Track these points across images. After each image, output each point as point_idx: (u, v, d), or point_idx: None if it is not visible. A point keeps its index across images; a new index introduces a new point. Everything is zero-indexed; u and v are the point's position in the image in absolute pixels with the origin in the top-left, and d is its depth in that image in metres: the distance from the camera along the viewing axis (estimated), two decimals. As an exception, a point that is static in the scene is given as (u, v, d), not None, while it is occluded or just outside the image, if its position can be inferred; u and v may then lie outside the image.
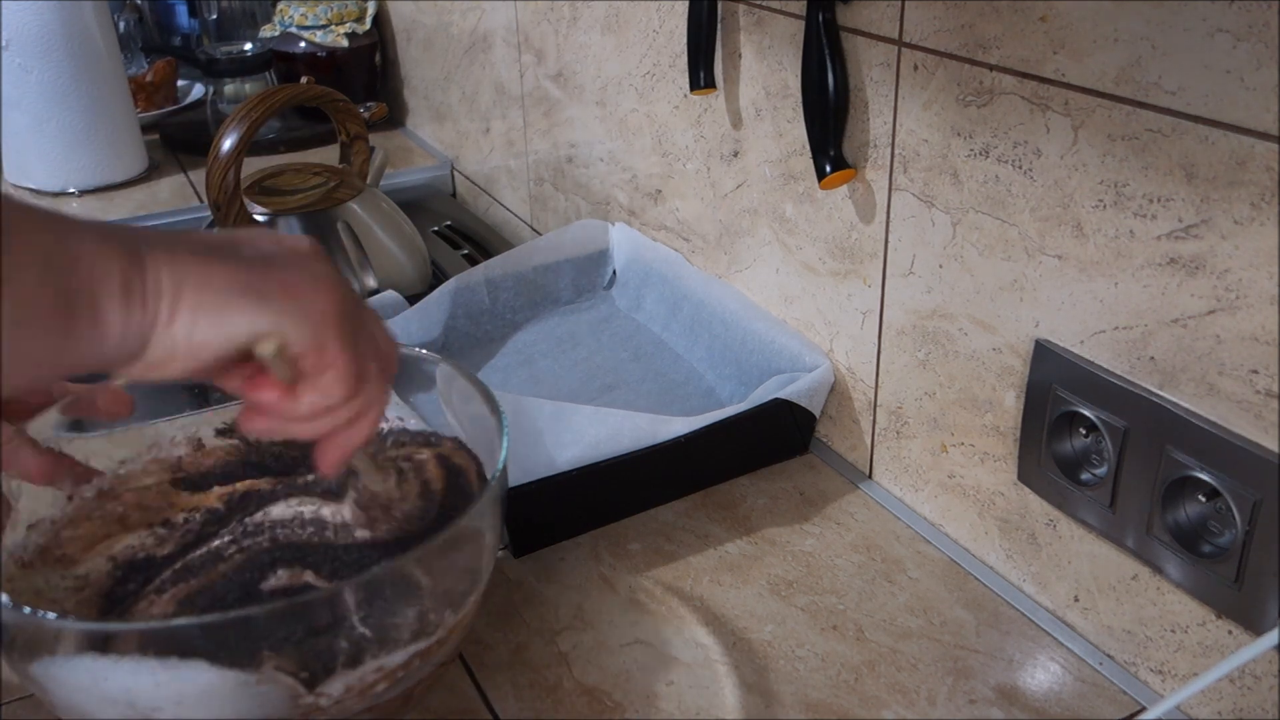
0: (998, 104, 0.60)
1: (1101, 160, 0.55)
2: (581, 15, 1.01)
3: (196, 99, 1.59)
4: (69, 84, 1.29)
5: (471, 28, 1.25)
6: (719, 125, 0.85)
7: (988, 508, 0.68)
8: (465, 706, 0.60)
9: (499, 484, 0.53)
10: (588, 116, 1.05)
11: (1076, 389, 0.59)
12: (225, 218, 0.91)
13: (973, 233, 0.64)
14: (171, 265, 0.37)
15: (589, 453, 0.71)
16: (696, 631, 0.65)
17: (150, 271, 0.37)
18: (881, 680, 0.61)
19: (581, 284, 1.02)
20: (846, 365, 0.78)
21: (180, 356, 0.38)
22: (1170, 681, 0.59)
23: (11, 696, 0.61)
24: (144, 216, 1.25)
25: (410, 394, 0.67)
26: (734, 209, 0.86)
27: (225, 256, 0.39)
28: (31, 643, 0.46)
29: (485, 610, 0.67)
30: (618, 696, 0.61)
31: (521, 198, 1.25)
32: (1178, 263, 0.52)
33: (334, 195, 0.97)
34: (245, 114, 0.89)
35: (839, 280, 0.77)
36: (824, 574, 0.70)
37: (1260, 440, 0.51)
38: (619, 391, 0.88)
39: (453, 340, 0.94)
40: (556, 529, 0.73)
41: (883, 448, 0.77)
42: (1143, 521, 0.57)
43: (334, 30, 1.51)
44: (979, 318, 0.65)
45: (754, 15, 0.78)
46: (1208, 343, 0.52)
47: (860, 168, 0.71)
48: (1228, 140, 0.49)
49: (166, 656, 0.45)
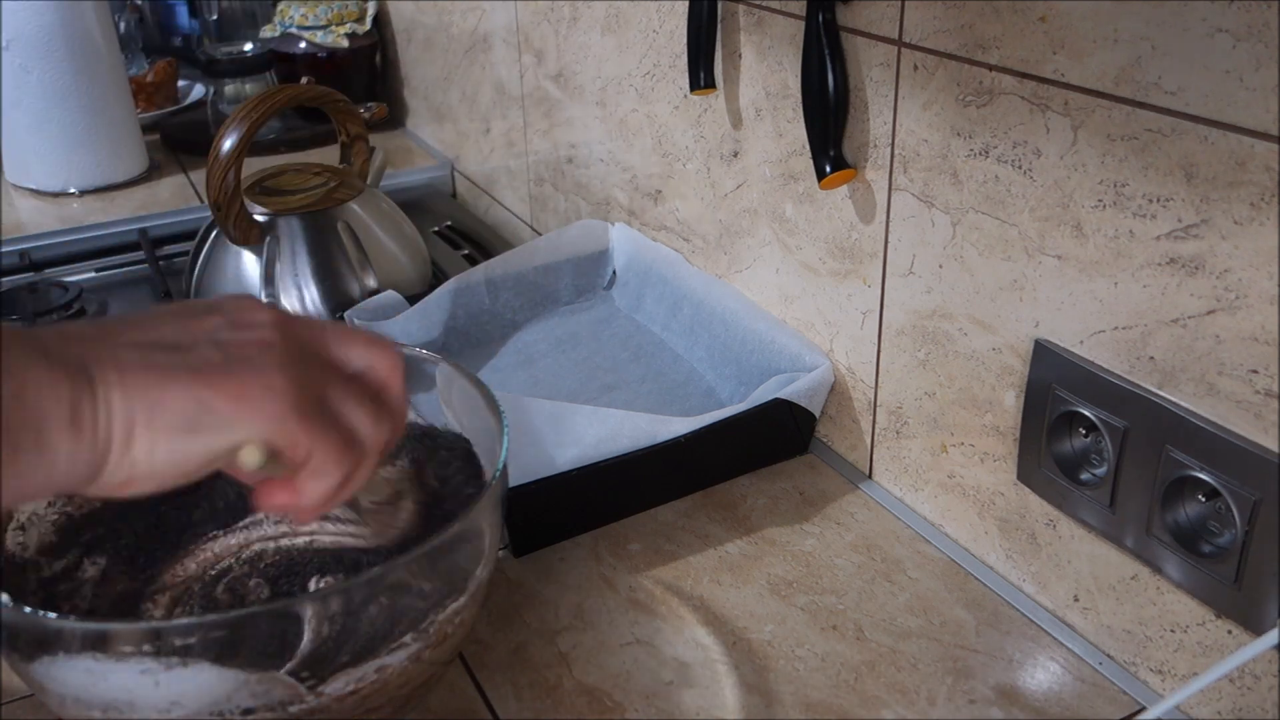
0: (997, 104, 0.60)
1: (1101, 160, 0.55)
2: (581, 15, 1.01)
3: (197, 99, 1.59)
4: (69, 84, 1.29)
5: (471, 28, 1.25)
6: (719, 125, 0.85)
7: (988, 508, 0.68)
8: (465, 706, 0.60)
9: (499, 484, 0.53)
10: (588, 117, 1.05)
11: (1076, 389, 0.59)
12: (225, 218, 0.91)
13: (973, 233, 0.64)
14: (122, 388, 0.36)
15: (589, 453, 0.71)
16: (696, 631, 0.65)
17: (100, 397, 0.35)
18: (881, 680, 0.61)
19: (581, 284, 1.02)
20: (846, 365, 0.78)
21: (140, 478, 0.37)
22: (1170, 681, 0.59)
23: (11, 696, 0.61)
24: (144, 216, 1.25)
25: (410, 394, 0.67)
26: (734, 209, 0.86)
27: (174, 368, 0.37)
28: (31, 643, 0.46)
29: (485, 610, 0.67)
30: (618, 696, 0.61)
31: (521, 198, 1.25)
32: (1177, 263, 0.52)
33: (334, 195, 0.97)
34: (245, 114, 0.89)
35: (839, 280, 0.77)
36: (824, 574, 0.70)
37: (1260, 440, 0.51)
38: (619, 392, 0.88)
39: (453, 340, 0.94)
40: (556, 529, 0.73)
41: (883, 448, 0.77)
42: (1142, 521, 0.57)
43: (334, 31, 1.51)
44: (979, 318, 0.65)
45: (754, 15, 0.78)
46: (1207, 343, 0.52)
47: (860, 168, 0.71)
48: (1227, 140, 0.49)
49: (166, 656, 0.45)
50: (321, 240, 0.94)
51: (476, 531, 0.52)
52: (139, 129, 1.40)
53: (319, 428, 0.40)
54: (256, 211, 0.94)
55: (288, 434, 0.39)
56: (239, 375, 0.38)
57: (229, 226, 0.92)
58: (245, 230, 0.92)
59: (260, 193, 0.97)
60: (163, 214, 1.27)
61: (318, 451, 0.41)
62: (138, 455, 0.36)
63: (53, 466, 0.35)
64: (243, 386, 0.38)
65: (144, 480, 0.37)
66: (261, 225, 0.94)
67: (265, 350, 0.40)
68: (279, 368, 0.39)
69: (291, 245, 0.94)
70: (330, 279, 0.94)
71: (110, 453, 0.36)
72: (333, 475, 0.42)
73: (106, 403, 0.35)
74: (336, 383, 0.42)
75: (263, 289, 0.93)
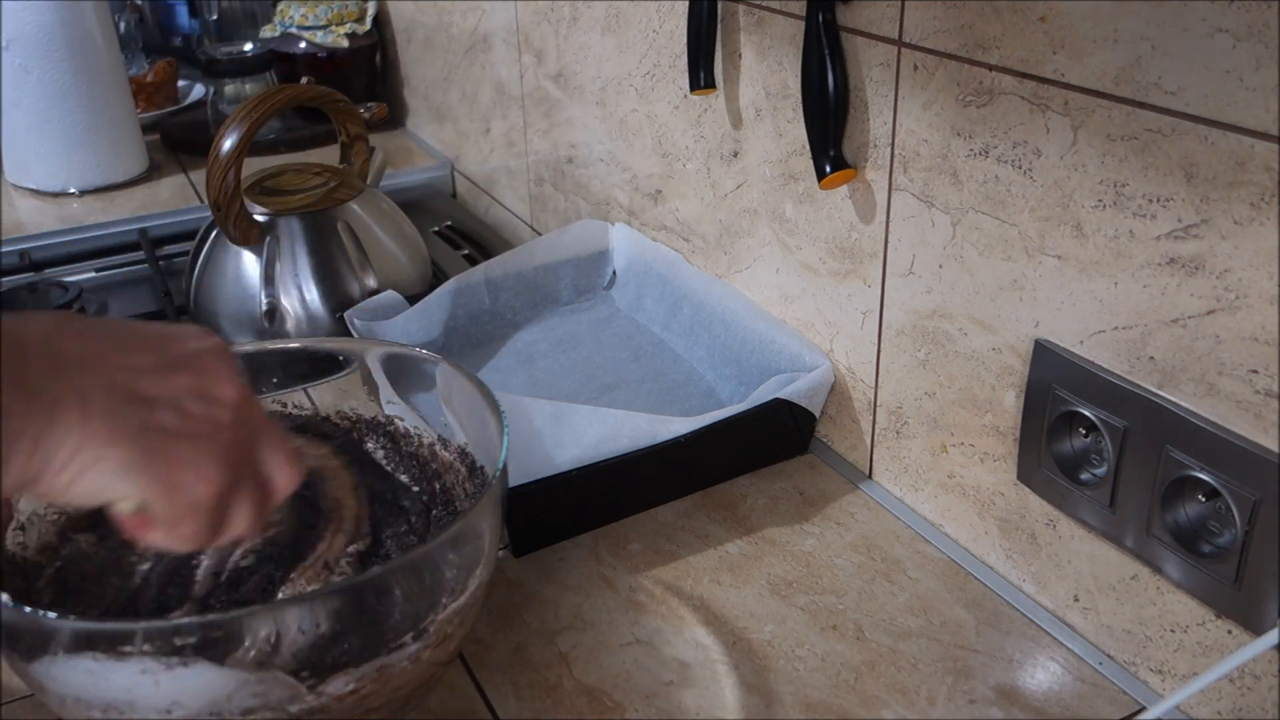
0: (997, 104, 0.60)
1: (1101, 160, 0.55)
2: (581, 15, 1.01)
3: (197, 99, 1.59)
4: (69, 84, 1.29)
5: (471, 28, 1.25)
6: (719, 125, 0.85)
7: (988, 508, 0.68)
8: (465, 706, 0.60)
9: (499, 484, 0.53)
10: (588, 117, 1.05)
11: (1076, 389, 0.59)
12: (225, 218, 0.91)
13: (973, 233, 0.64)
14: (81, 431, 0.40)
15: (589, 453, 0.71)
16: (696, 631, 0.65)
17: (60, 435, 0.40)
18: (881, 680, 0.61)
19: (581, 284, 1.02)
20: (846, 365, 0.78)
21: (55, 497, 0.42)
22: (1170, 681, 0.59)
23: (11, 696, 0.61)
24: (144, 216, 1.25)
25: (410, 394, 0.67)
26: (734, 209, 0.86)
27: (129, 428, 0.41)
28: (31, 642, 0.46)
29: (485, 610, 0.67)
30: (618, 696, 0.61)
31: (521, 198, 1.25)
32: (1177, 263, 0.52)
33: (334, 195, 0.97)
34: (245, 114, 0.89)
35: (839, 280, 0.77)
36: (824, 574, 0.70)
37: (1260, 440, 0.51)
38: (619, 392, 0.88)
39: (453, 340, 0.94)
40: (556, 529, 0.73)
41: (883, 448, 0.77)
42: (1142, 521, 0.57)
43: (334, 31, 1.51)
44: (979, 318, 0.65)
45: (754, 15, 0.78)
46: (1207, 343, 0.52)
47: (860, 168, 0.71)
48: (1227, 140, 0.49)
49: (166, 656, 0.45)
50: (321, 240, 0.94)
51: (476, 532, 0.52)
52: (139, 129, 1.40)
53: (205, 520, 0.44)
54: (256, 211, 0.94)
55: (177, 514, 0.43)
56: (178, 455, 0.43)
57: (229, 226, 0.92)
58: (245, 230, 0.92)
59: (260, 193, 0.97)
60: (163, 214, 1.27)
61: (186, 531, 0.44)
62: (59, 484, 0.40)
63: (3, 479, 0.40)
64: (172, 471, 0.42)
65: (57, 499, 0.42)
66: (261, 225, 0.94)
67: (214, 434, 0.44)
68: (212, 460, 0.43)
69: (291, 245, 0.94)
70: (330, 279, 0.94)
71: (42, 475, 0.40)
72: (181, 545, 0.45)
73: (61, 441, 0.40)
74: (246, 481, 0.46)
75: (263, 289, 0.93)
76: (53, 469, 0.40)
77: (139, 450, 0.41)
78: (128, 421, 0.41)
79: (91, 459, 0.41)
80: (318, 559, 0.56)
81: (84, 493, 0.41)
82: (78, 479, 0.41)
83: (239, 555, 0.56)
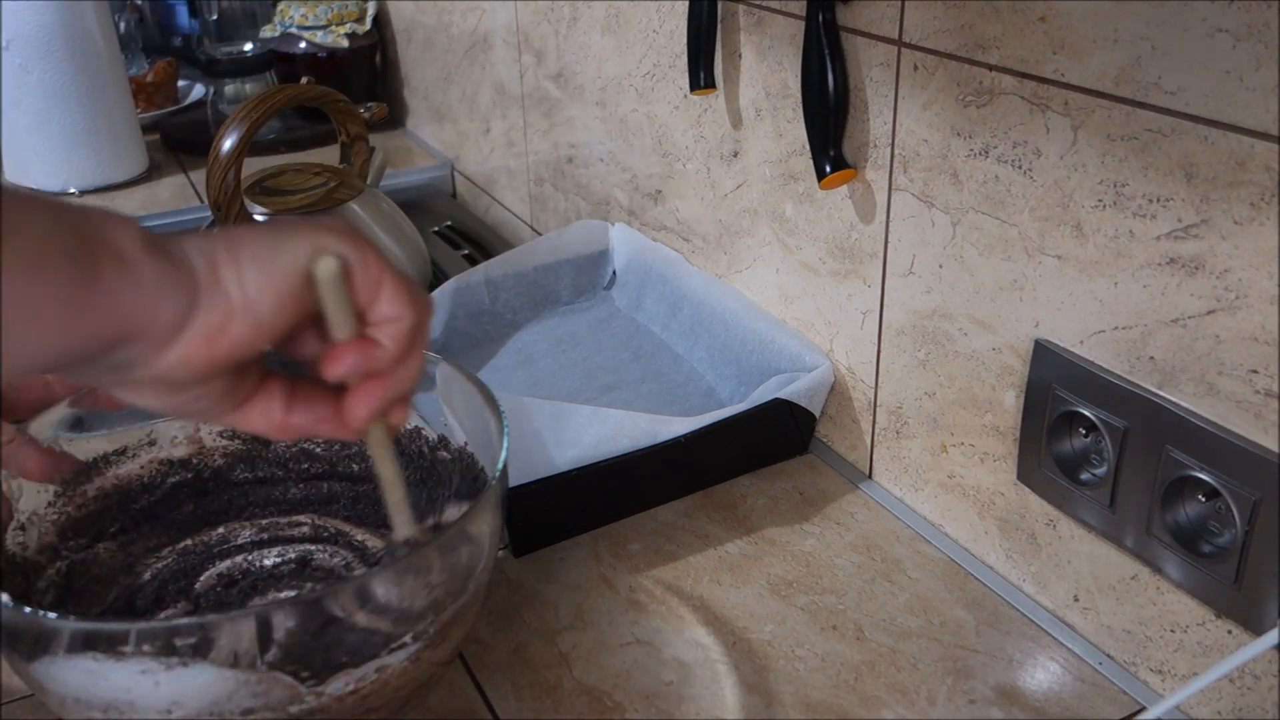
0: (997, 104, 0.60)
1: (1101, 160, 0.55)
2: (581, 15, 1.01)
3: (197, 99, 1.59)
4: (69, 84, 1.29)
5: (471, 28, 1.25)
6: (719, 125, 0.85)
7: (988, 508, 0.68)
8: (465, 706, 0.60)
9: (499, 484, 0.53)
10: (588, 117, 1.05)
11: (1076, 389, 0.59)
12: (225, 218, 0.91)
13: (972, 233, 0.64)
14: (193, 239, 0.37)
15: (589, 453, 0.71)
16: (696, 631, 0.65)
17: (171, 243, 0.36)
18: (881, 680, 0.61)
19: (581, 284, 1.02)
20: (846, 365, 0.78)
21: (238, 313, 0.37)
22: (1170, 681, 0.59)
23: (11, 696, 0.61)
24: (144, 216, 1.25)
25: (410, 394, 0.67)
26: (734, 209, 0.86)
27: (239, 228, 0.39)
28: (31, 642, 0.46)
29: (485, 610, 0.67)
30: (618, 696, 0.61)
31: (521, 198, 1.25)
32: (1177, 263, 0.52)
33: (334, 195, 0.97)
34: (245, 114, 0.89)
35: (839, 280, 0.77)
36: (824, 574, 0.70)
37: (1260, 440, 0.51)
38: (619, 392, 0.88)
39: (453, 340, 0.94)
40: (556, 529, 0.73)
41: (883, 448, 0.77)
42: (1142, 521, 0.57)
43: (334, 31, 1.51)
44: (979, 318, 0.65)
45: (754, 15, 0.78)
46: (1207, 343, 0.52)
47: (860, 168, 0.71)
48: (1227, 140, 0.49)
49: (166, 656, 0.45)
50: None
51: (476, 532, 0.52)
52: (139, 129, 1.40)
53: (385, 260, 0.41)
54: (256, 211, 0.94)
55: (357, 248, 0.40)
56: (300, 220, 0.40)
57: (229, 226, 0.92)
58: (245, 230, 0.92)
59: (260, 193, 0.97)
60: (163, 214, 1.27)
61: (388, 282, 0.41)
62: (228, 284, 0.36)
63: (140, 285, 0.35)
64: (312, 222, 0.40)
65: (241, 316, 0.37)
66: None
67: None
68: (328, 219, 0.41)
69: (291, 245, 0.94)
70: (330, 279, 0.94)
71: (199, 283, 0.36)
72: (405, 317, 0.41)
73: (178, 245, 0.36)
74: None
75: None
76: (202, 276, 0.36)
77: (269, 226, 0.39)
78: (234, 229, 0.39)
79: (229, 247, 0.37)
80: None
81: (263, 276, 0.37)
82: (242, 270, 0.36)
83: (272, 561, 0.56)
